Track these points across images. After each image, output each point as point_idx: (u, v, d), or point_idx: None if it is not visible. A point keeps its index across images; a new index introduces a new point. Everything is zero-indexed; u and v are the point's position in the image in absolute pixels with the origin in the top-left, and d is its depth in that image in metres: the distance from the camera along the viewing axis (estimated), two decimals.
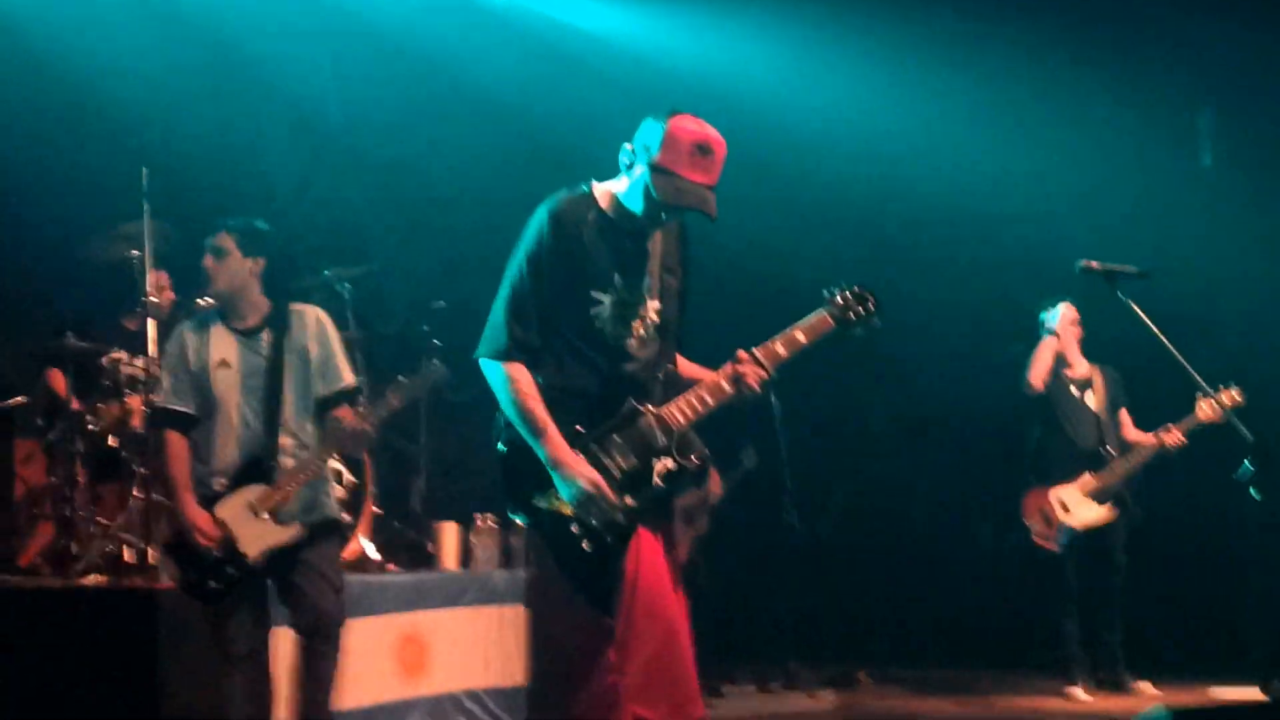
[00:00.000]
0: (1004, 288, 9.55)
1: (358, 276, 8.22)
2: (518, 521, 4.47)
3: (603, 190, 4.37)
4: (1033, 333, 8.68)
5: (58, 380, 7.33)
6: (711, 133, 4.27)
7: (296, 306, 5.77)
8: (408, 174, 9.49)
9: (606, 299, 4.30)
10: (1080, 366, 8.65)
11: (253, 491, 5.50)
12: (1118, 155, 9.92)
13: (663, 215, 4.32)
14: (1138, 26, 9.73)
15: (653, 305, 4.39)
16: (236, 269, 5.63)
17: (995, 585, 9.75)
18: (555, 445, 4.17)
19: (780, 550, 8.96)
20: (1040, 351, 8.49)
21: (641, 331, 4.36)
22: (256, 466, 5.53)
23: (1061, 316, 8.56)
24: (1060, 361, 8.59)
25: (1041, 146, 9.89)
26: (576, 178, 4.45)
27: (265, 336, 5.63)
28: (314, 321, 5.74)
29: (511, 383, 4.21)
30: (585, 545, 4.17)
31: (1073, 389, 8.58)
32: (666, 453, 4.26)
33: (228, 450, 5.55)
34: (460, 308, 8.03)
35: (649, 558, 4.29)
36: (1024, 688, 8.72)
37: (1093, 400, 8.58)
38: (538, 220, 4.30)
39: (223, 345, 5.60)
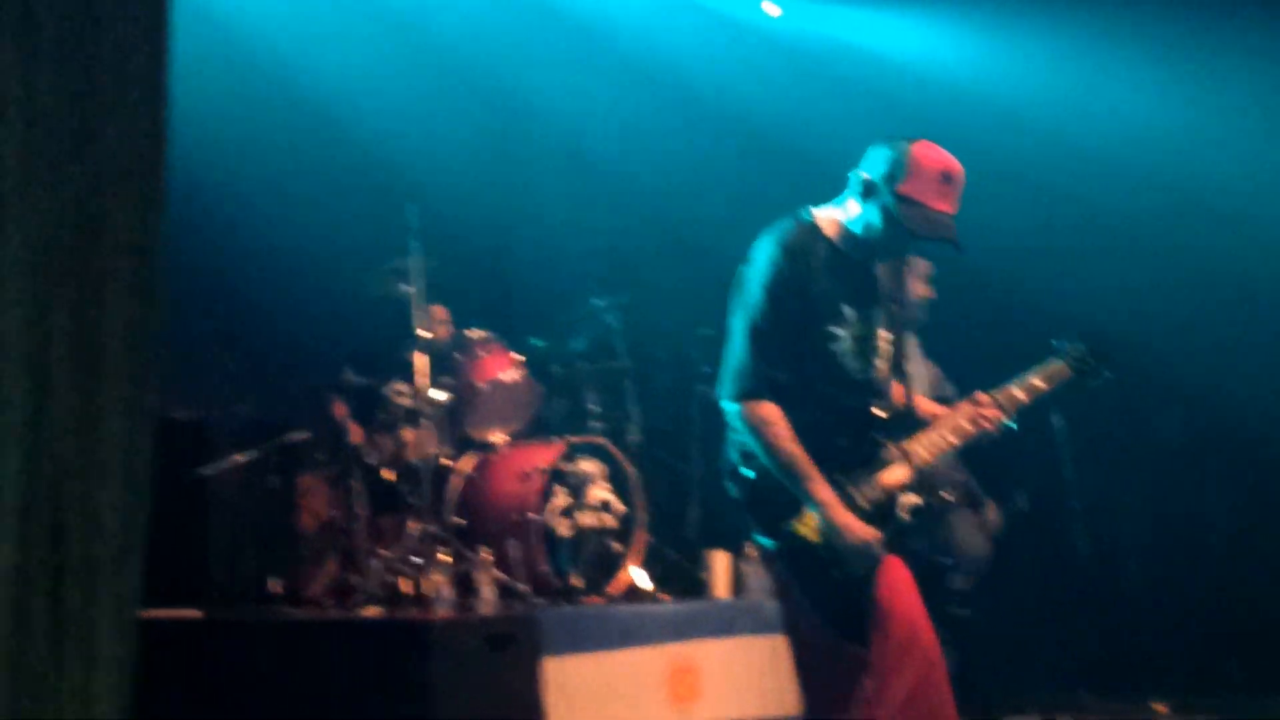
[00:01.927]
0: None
1: (626, 304, 8.25)
2: (762, 546, 4.38)
3: (826, 219, 4.28)
4: None
5: (339, 414, 7.52)
6: (954, 161, 4.21)
7: None
8: (677, 200, 9.48)
9: (844, 333, 4.22)
10: None
11: None
12: None
13: (902, 246, 4.28)
14: None
15: (885, 336, 4.29)
16: None
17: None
18: (824, 491, 4.12)
19: (1070, 576, 8.66)
20: None
21: (882, 364, 4.29)
22: None
23: None
24: None
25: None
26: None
27: None
28: None
29: (768, 425, 4.13)
30: (835, 571, 4.12)
31: None
32: (912, 489, 4.22)
33: None
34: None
35: (901, 587, 4.21)
36: None
37: None
38: (768, 252, 4.22)
39: None
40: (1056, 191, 9.24)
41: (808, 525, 4.12)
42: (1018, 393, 4.38)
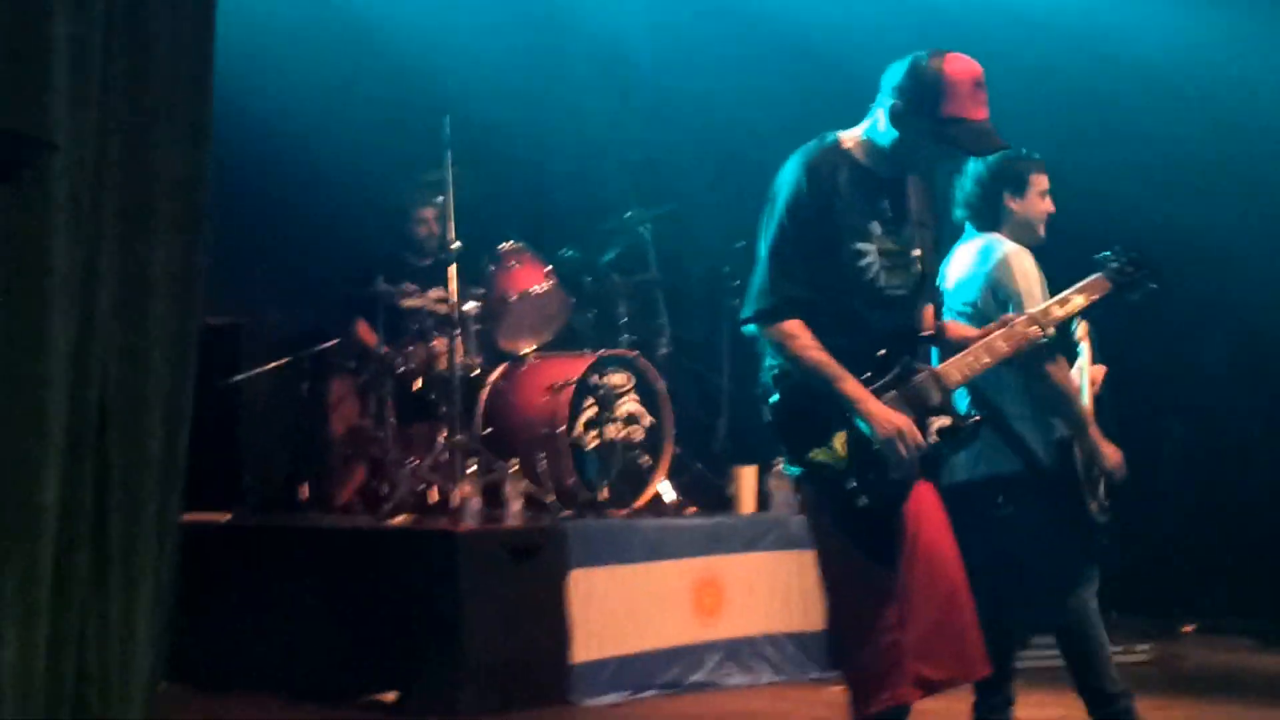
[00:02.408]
0: None
1: (661, 217, 8.23)
2: (791, 474, 4.36)
3: (853, 139, 4.20)
4: None
5: (361, 325, 7.55)
6: (977, 65, 4.12)
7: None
8: (715, 113, 9.40)
9: (872, 248, 4.15)
10: None
11: None
12: None
13: (938, 161, 4.24)
14: None
15: (915, 254, 4.24)
16: None
17: None
18: (855, 388, 4.05)
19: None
20: None
21: (912, 281, 4.22)
22: None
23: None
24: None
25: None
26: None
27: None
28: None
29: (792, 338, 4.07)
30: (862, 500, 4.06)
31: None
32: (942, 410, 4.16)
33: None
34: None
35: (929, 514, 4.16)
36: None
37: None
38: (792, 174, 4.14)
39: None
40: (1093, 103, 9.10)
41: (837, 449, 4.07)
42: (1055, 309, 4.34)
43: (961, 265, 5.06)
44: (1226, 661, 8.02)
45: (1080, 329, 5.51)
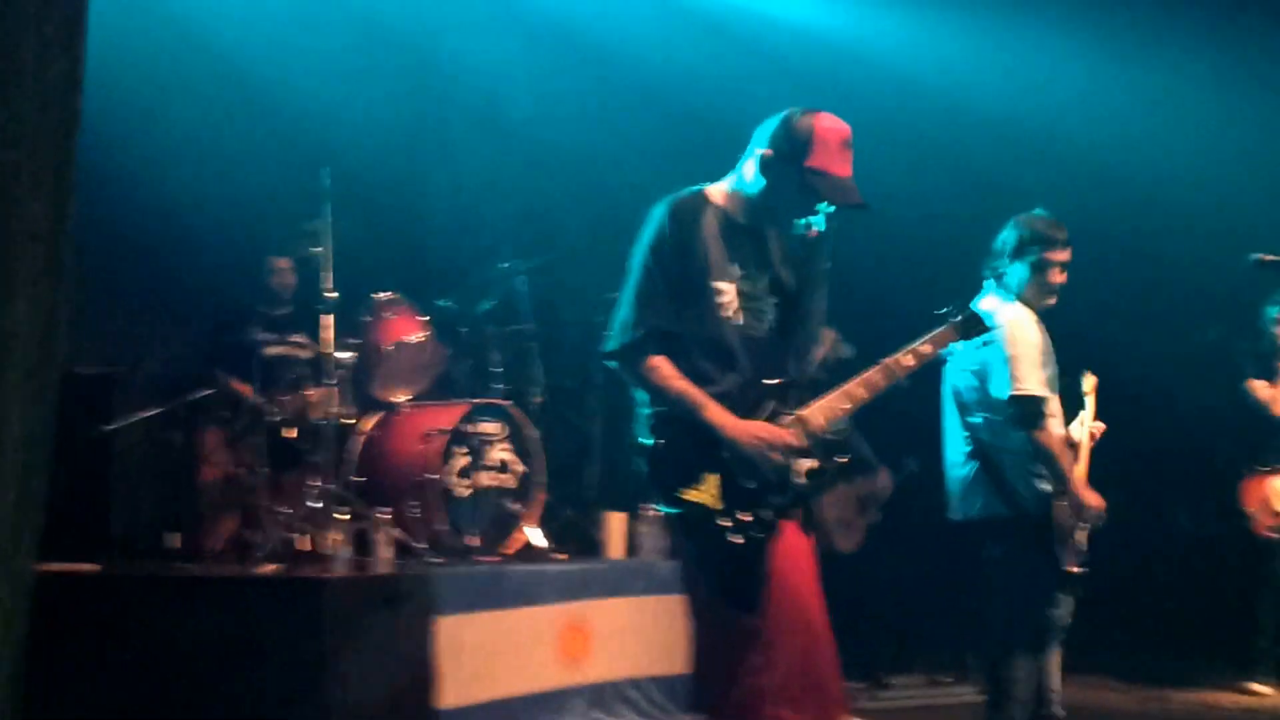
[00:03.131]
0: (1199, 273, 9.23)
1: (536, 268, 8.38)
2: (663, 514, 4.43)
3: (718, 190, 4.43)
4: (1231, 317, 8.43)
5: (230, 375, 7.62)
6: (846, 125, 4.36)
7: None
8: (589, 165, 9.59)
9: (730, 288, 4.33)
10: None
11: None
12: None
13: (802, 213, 4.36)
14: None
15: (774, 301, 4.42)
16: None
17: (1190, 573, 9.50)
18: (717, 413, 4.21)
19: (958, 542, 8.84)
20: None
21: (768, 325, 4.40)
22: None
23: None
24: None
25: (1235, 134, 9.52)
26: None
27: None
28: None
29: (654, 370, 4.24)
30: (732, 539, 4.18)
31: None
32: (807, 453, 4.29)
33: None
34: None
35: (792, 557, 4.28)
36: (1204, 680, 8.52)
37: None
38: (657, 214, 4.36)
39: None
40: (960, 158, 9.43)
41: (706, 492, 4.19)
42: (906, 359, 4.47)
43: None
44: (1088, 699, 8.20)
45: (1088, 384, 5.95)
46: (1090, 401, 5.99)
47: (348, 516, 7.00)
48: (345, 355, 7.38)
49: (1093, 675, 8.65)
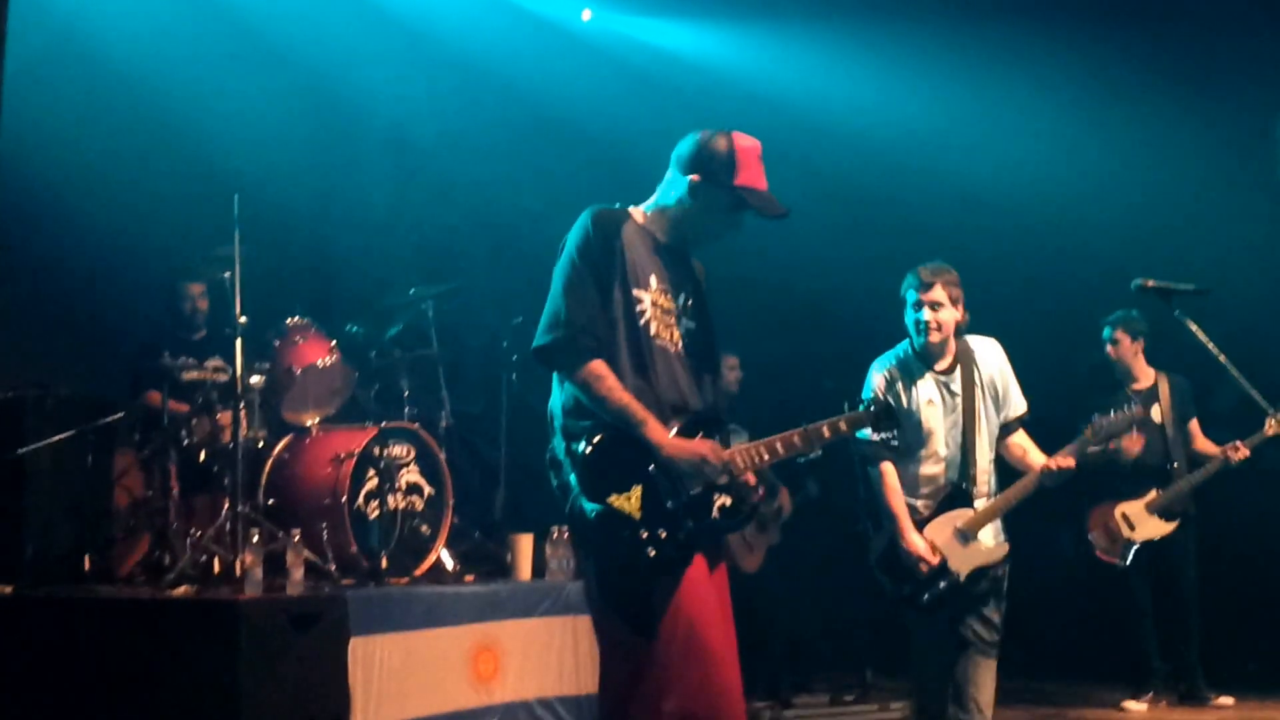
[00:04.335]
0: (1076, 298, 9.55)
1: (442, 294, 8.50)
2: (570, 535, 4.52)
3: (638, 211, 4.60)
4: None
5: (154, 396, 7.68)
6: (756, 140, 4.58)
7: (975, 340, 6.39)
8: (492, 194, 9.76)
9: (647, 297, 4.47)
10: (1145, 379, 8.62)
11: (959, 516, 6.16)
12: (1190, 166, 9.88)
13: (725, 231, 4.60)
14: (1210, 35, 9.69)
15: (685, 323, 4.58)
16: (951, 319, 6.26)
17: (1078, 594, 9.78)
18: (656, 431, 4.34)
19: (858, 560, 9.05)
20: None
21: (681, 344, 4.54)
22: (956, 492, 6.20)
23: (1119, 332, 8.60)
24: (1127, 376, 8.60)
25: (1116, 160, 9.90)
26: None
27: (958, 374, 6.27)
28: (995, 352, 6.37)
29: (599, 379, 4.34)
30: (650, 552, 4.29)
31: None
32: (727, 490, 4.45)
33: (933, 479, 6.24)
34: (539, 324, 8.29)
35: (696, 586, 4.38)
36: (1096, 699, 8.78)
37: (1158, 413, 8.50)
38: (581, 222, 4.48)
39: (926, 387, 6.25)
40: (841, 182, 9.77)
41: (632, 502, 4.29)
42: (825, 430, 4.66)
43: None
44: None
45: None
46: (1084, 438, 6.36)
47: (258, 538, 7.06)
48: (256, 379, 7.46)
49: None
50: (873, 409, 4.85)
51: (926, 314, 6.18)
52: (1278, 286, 9.58)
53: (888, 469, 6.24)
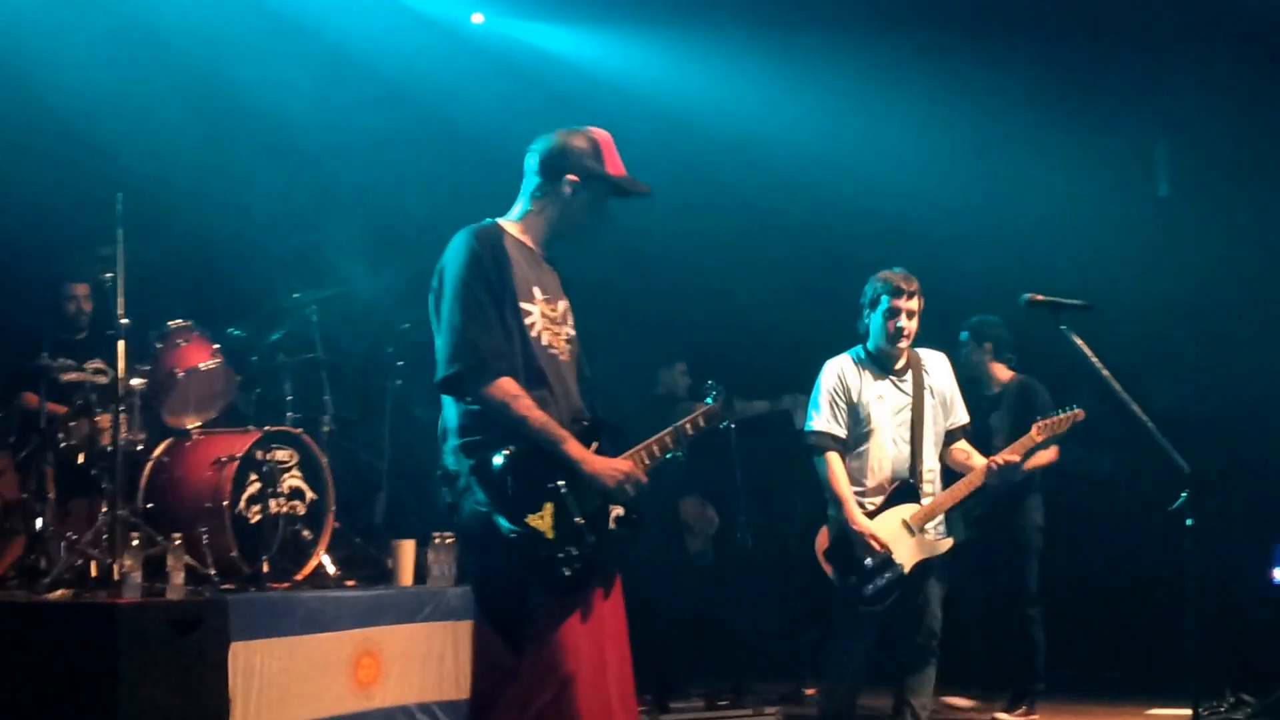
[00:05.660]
0: (963, 311, 9.71)
1: (327, 298, 8.48)
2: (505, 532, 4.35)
3: (509, 222, 4.62)
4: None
5: (30, 398, 7.57)
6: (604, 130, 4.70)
7: (924, 351, 6.79)
8: (379, 196, 9.75)
9: (535, 309, 4.52)
10: (996, 384, 8.62)
11: (906, 510, 6.48)
12: (1077, 185, 10.17)
13: (597, 226, 4.67)
14: (1097, 62, 9.98)
15: (567, 329, 4.64)
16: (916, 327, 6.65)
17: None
18: (576, 448, 4.40)
19: (739, 571, 9.19)
20: None
21: (568, 352, 4.60)
22: (905, 488, 6.52)
23: None
24: (982, 379, 8.67)
25: (1000, 178, 10.14)
26: None
27: (909, 378, 6.65)
28: (943, 364, 6.80)
29: (515, 399, 4.34)
30: (566, 571, 4.32)
31: None
32: (620, 501, 4.50)
33: (883, 472, 6.55)
34: (424, 329, 8.29)
35: (577, 606, 4.40)
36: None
37: (996, 419, 8.43)
38: (462, 242, 4.47)
39: (877, 385, 6.62)
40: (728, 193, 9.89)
41: (545, 521, 4.31)
42: (687, 428, 4.75)
43: None
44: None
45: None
46: (1030, 435, 6.69)
47: (138, 542, 7.00)
48: (137, 381, 7.39)
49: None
50: (720, 398, 4.94)
51: (904, 321, 6.57)
52: (1159, 301, 9.87)
53: (833, 458, 6.59)
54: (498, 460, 4.30)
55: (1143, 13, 9.77)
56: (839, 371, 6.69)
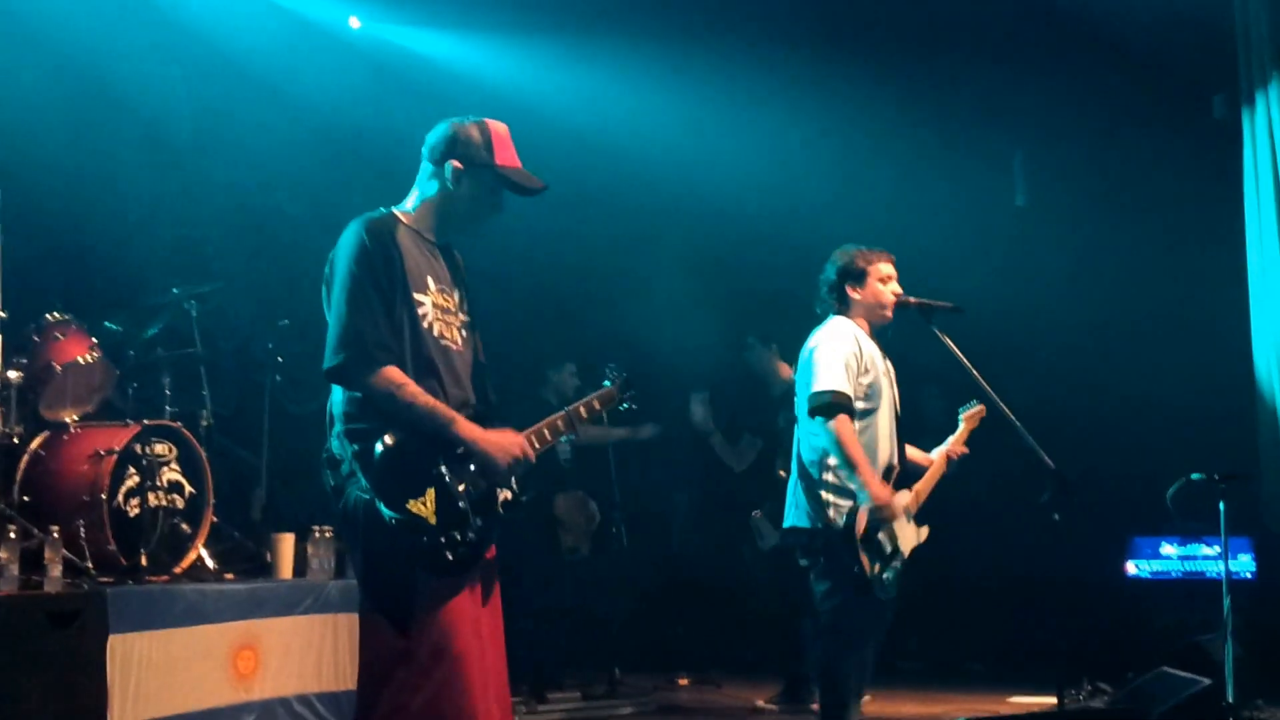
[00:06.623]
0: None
1: (204, 294, 8.48)
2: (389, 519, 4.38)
3: (401, 213, 4.66)
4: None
5: None
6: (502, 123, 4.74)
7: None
8: (254, 193, 9.76)
9: (428, 300, 4.56)
10: (780, 382, 8.90)
11: (903, 496, 6.10)
12: (939, 194, 10.49)
13: (491, 214, 4.71)
14: (959, 77, 10.31)
15: (461, 319, 4.70)
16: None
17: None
18: (467, 427, 4.43)
19: (611, 565, 9.34)
20: None
21: (461, 341, 4.65)
22: (894, 472, 6.13)
23: None
24: (767, 378, 9.01)
25: (867, 187, 10.43)
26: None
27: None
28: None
29: (401, 386, 4.37)
30: (449, 556, 4.35)
31: None
32: (506, 484, 4.56)
33: (883, 454, 6.12)
34: (302, 325, 8.37)
35: (460, 589, 4.45)
36: None
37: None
38: (353, 232, 4.51)
39: (883, 360, 6.22)
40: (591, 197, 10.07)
41: (426, 505, 4.33)
42: (581, 410, 4.87)
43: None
44: (717, 702, 8.92)
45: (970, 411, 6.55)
46: (964, 427, 6.53)
47: (14, 535, 6.96)
48: (13, 374, 7.35)
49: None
50: (618, 380, 5.05)
51: (896, 288, 6.29)
52: (1018, 306, 10.19)
53: (844, 420, 5.94)
54: (379, 447, 4.34)
55: (1002, 27, 10.11)
56: (855, 335, 6.16)
